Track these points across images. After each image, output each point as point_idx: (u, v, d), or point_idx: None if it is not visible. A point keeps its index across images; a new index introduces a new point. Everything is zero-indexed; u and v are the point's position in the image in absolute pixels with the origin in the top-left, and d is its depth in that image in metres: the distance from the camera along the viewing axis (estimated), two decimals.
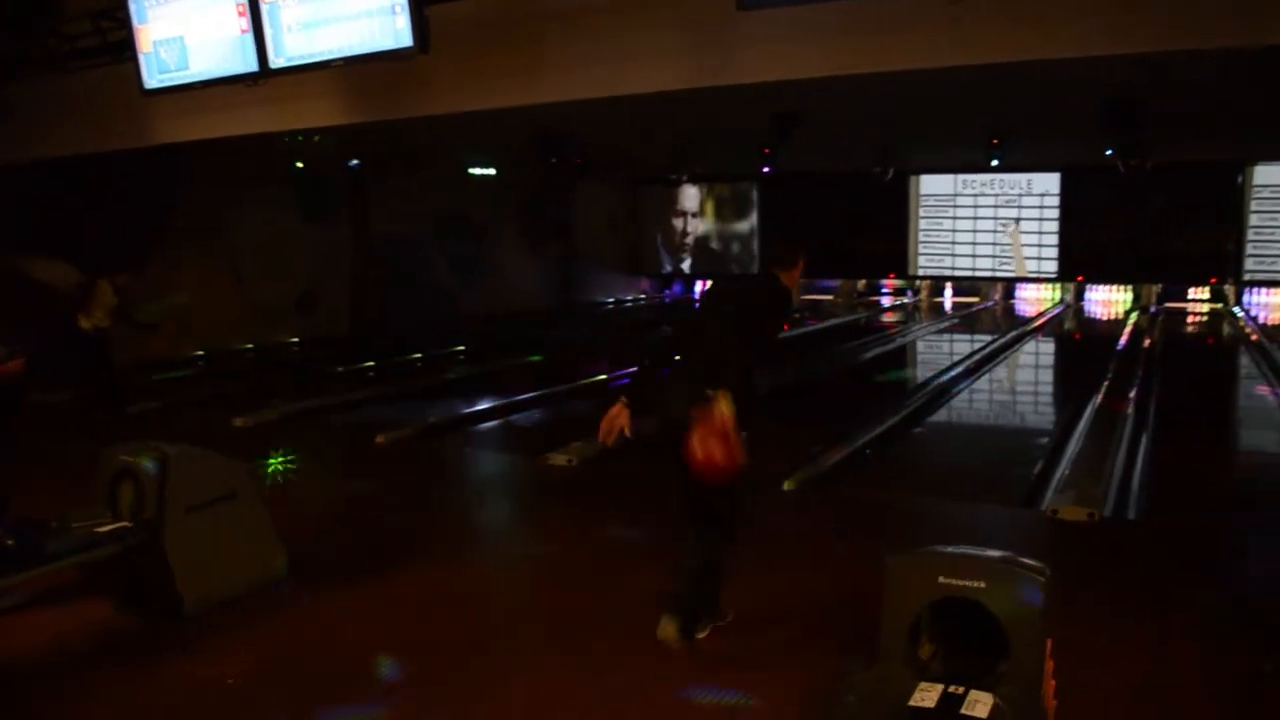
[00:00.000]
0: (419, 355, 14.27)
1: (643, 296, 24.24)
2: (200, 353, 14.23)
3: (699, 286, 24.58)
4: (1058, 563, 5.20)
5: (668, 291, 24.65)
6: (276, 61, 7.46)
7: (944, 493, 6.99)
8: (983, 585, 2.97)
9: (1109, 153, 13.20)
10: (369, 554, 5.59)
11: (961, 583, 2.99)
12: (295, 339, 15.91)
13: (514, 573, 5.44)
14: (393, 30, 6.93)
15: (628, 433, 4.01)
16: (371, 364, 13.56)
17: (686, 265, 24.16)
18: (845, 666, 3.50)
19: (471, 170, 18.24)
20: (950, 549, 3.14)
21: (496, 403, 10.35)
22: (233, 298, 14.92)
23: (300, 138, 11.13)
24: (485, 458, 8.56)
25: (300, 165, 15.28)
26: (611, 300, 23.14)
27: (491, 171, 18.52)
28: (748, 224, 23.41)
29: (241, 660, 4.22)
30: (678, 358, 4.07)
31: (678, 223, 23.97)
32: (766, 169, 14.24)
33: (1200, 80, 9.24)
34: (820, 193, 21.31)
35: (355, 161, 15.95)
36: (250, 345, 15.09)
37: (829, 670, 3.72)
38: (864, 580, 3.72)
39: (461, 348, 15.05)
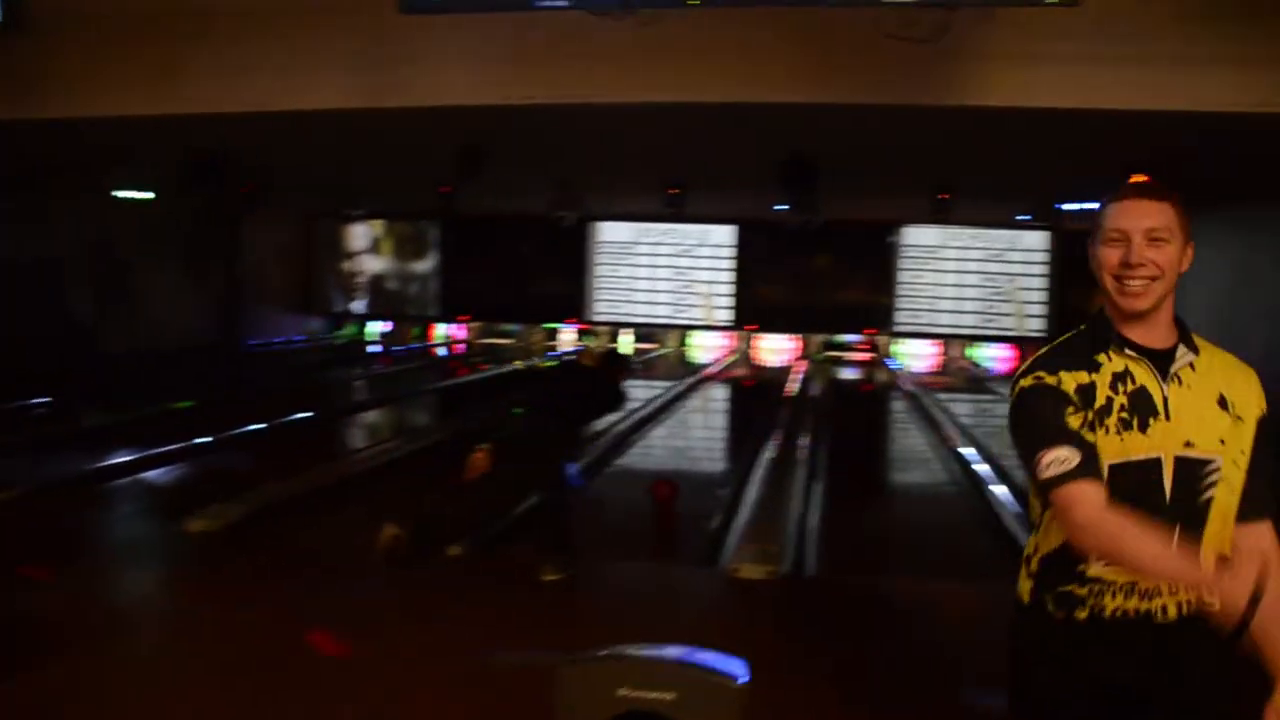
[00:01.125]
0: (46, 400, 12.44)
1: (309, 337, 22.78)
2: None
3: (377, 326, 23.62)
4: (742, 627, 5.07)
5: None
6: None
7: (622, 552, 6.62)
8: (672, 697, 2.47)
9: (781, 207, 13.69)
10: None
11: (647, 695, 2.48)
12: None
13: (136, 670, 4.46)
14: None
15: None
16: None
17: (360, 305, 23.04)
18: None
19: (120, 193, 16.39)
20: (635, 651, 2.62)
21: (135, 455, 9.03)
22: None
23: None
24: (112, 522, 7.34)
25: None
26: (280, 340, 21.59)
27: (149, 195, 16.70)
28: (428, 264, 22.64)
29: None
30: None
31: (347, 261, 22.84)
32: (446, 206, 13.68)
33: (862, 141, 9.60)
34: (503, 235, 21.06)
35: None
36: None
37: None
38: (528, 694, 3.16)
39: (102, 390, 13.30)
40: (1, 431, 10.26)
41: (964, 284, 20.68)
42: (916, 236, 20.67)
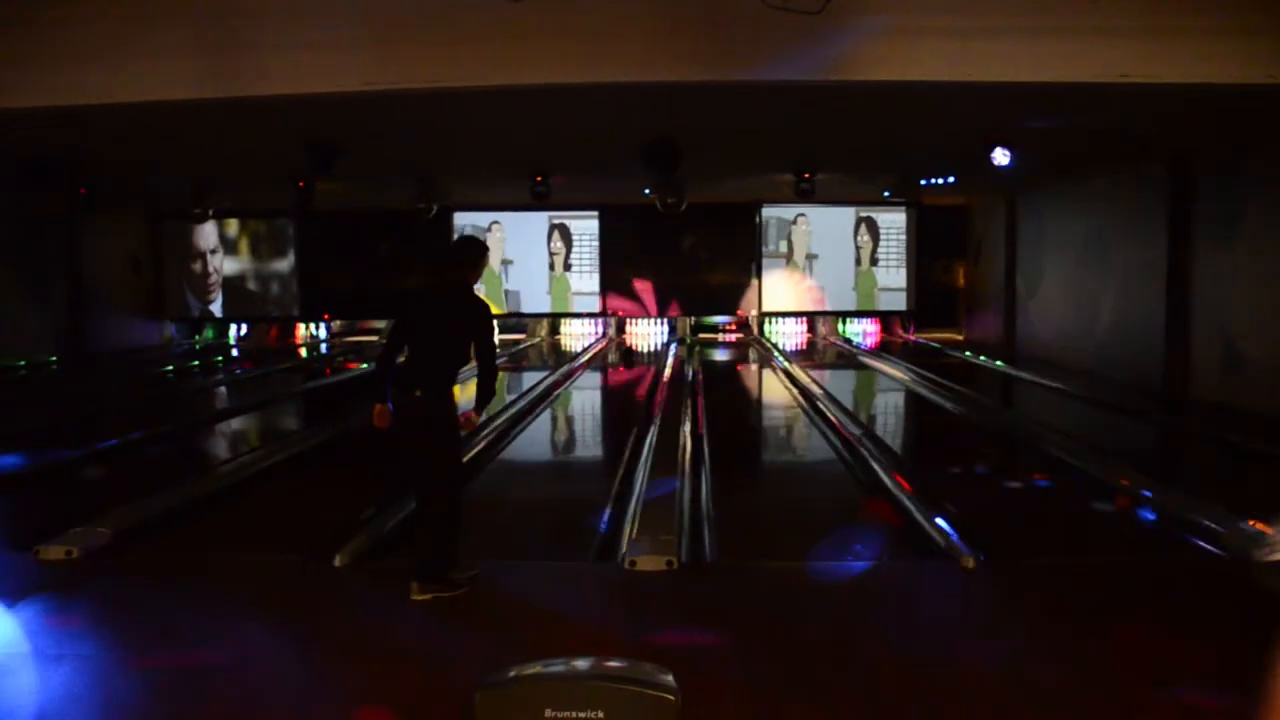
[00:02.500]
0: None
1: (164, 343, 21.72)
2: None
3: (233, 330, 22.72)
4: (646, 624, 4.93)
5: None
6: None
7: (516, 551, 6.39)
8: (600, 716, 2.28)
9: (646, 191, 13.55)
10: None
11: (574, 715, 2.28)
12: None
13: None
14: None
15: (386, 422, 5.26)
16: None
17: (217, 308, 22.07)
18: None
19: None
20: (556, 666, 2.42)
21: None
22: None
23: None
24: None
25: None
26: (133, 348, 20.47)
27: None
28: (286, 263, 21.82)
29: None
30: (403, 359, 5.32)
31: (198, 263, 21.84)
32: (303, 202, 13.13)
33: (727, 120, 9.55)
34: (362, 229, 20.52)
35: None
36: None
37: None
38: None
39: None
40: None
41: (830, 261, 21.00)
42: (780, 214, 20.94)
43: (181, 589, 5.56)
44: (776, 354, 18.27)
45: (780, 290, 21.14)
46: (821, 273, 21.03)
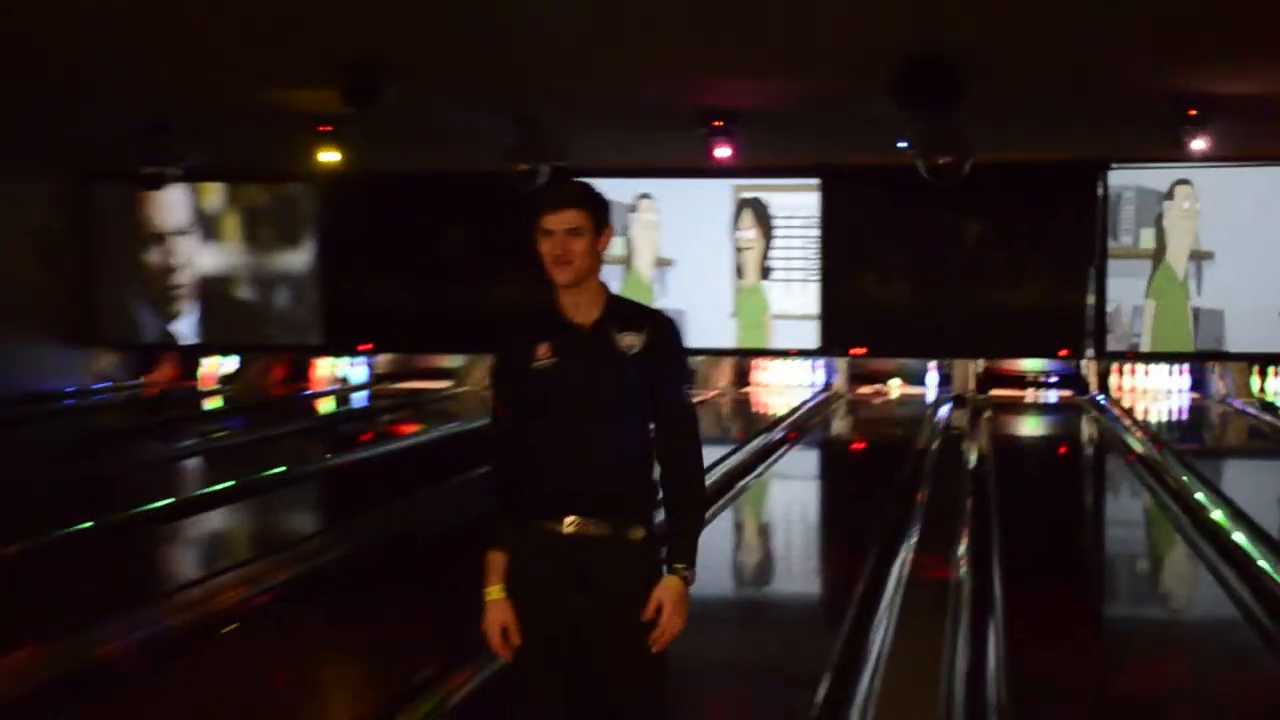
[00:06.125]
0: None
1: (101, 388, 22.64)
2: None
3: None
4: None
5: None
6: None
7: None
8: None
9: (903, 144, 13.62)
10: None
11: None
12: None
13: None
14: None
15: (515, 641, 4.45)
16: None
17: (187, 327, 22.95)
18: None
19: None
20: None
21: None
22: None
23: None
24: None
25: None
26: (43, 392, 21.26)
27: None
28: (302, 258, 22.56)
29: None
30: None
31: (156, 252, 22.76)
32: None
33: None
34: (426, 206, 21.07)
35: None
36: None
37: None
38: None
39: None
40: None
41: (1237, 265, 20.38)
42: (1142, 181, 20.53)
43: None
44: (1133, 430, 17.86)
45: (1144, 315, 20.76)
46: (1219, 286, 20.48)
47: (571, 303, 4.37)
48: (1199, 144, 13.65)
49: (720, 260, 21.61)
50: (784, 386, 22.22)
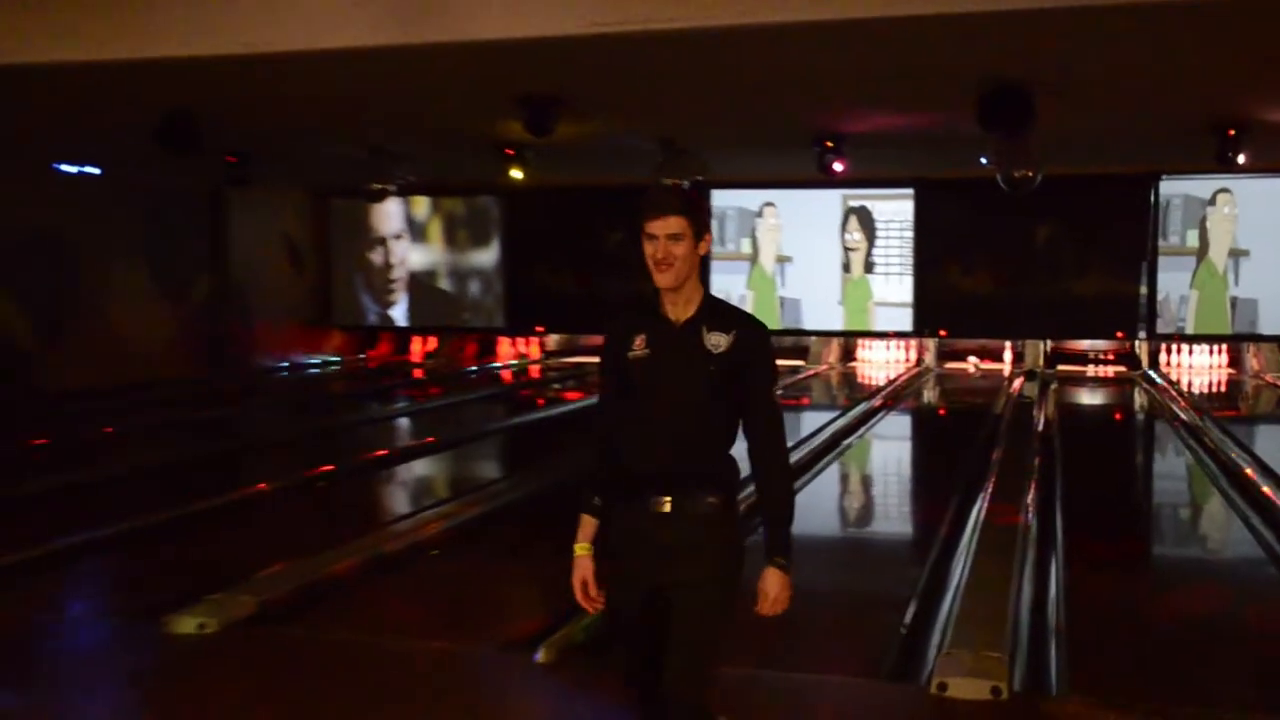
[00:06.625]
0: None
1: (335, 360, 23.25)
2: None
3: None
4: None
5: None
6: None
7: (784, 658, 6.45)
8: None
9: (984, 160, 13.46)
10: None
11: None
12: None
13: None
14: None
15: (593, 593, 4.26)
16: None
17: (400, 312, 23.43)
18: None
19: (65, 167, 16.83)
20: None
21: (93, 534, 9.17)
22: None
23: None
24: (72, 623, 7.38)
25: None
26: (288, 365, 22.00)
27: (95, 170, 17.11)
28: (489, 254, 22.93)
29: None
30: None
31: (378, 253, 23.27)
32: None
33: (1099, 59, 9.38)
34: (589, 212, 21.34)
35: None
36: None
37: None
38: None
39: (43, 443, 13.69)
40: None
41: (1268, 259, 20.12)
42: (1188, 189, 20.29)
43: (346, 679, 5.95)
44: (1178, 400, 17.56)
45: (1189, 303, 20.52)
46: (1254, 278, 20.21)
47: (670, 301, 4.11)
48: (1238, 158, 13.35)
49: (831, 257, 21.71)
50: (883, 362, 22.21)
